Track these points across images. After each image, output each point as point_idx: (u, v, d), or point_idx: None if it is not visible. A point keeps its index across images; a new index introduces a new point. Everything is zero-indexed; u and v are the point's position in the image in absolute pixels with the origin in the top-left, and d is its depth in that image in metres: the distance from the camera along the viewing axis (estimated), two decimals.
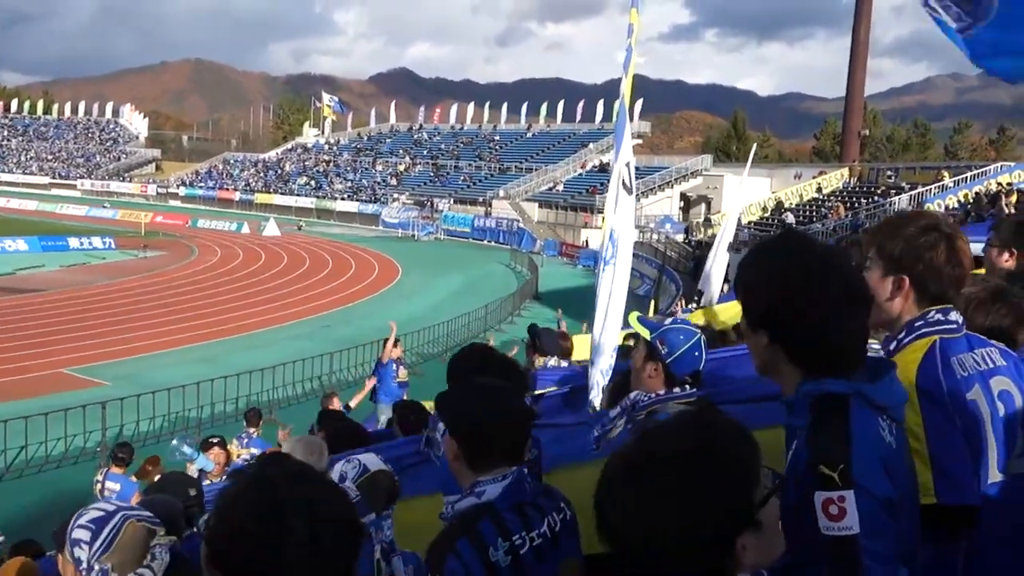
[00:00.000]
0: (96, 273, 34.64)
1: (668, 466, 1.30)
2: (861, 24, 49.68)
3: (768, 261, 1.73)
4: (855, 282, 1.71)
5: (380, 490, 2.55)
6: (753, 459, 1.36)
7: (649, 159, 63.60)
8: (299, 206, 68.92)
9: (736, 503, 1.30)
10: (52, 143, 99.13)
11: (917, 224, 2.15)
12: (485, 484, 2.14)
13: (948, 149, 76.67)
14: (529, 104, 77.59)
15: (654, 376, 2.81)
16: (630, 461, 1.35)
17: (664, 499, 1.28)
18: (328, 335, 22.52)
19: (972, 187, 30.23)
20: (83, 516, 2.15)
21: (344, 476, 2.56)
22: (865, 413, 1.60)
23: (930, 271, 2.09)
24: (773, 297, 1.67)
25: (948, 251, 2.09)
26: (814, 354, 1.65)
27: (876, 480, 1.52)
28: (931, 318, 2.08)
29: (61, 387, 16.76)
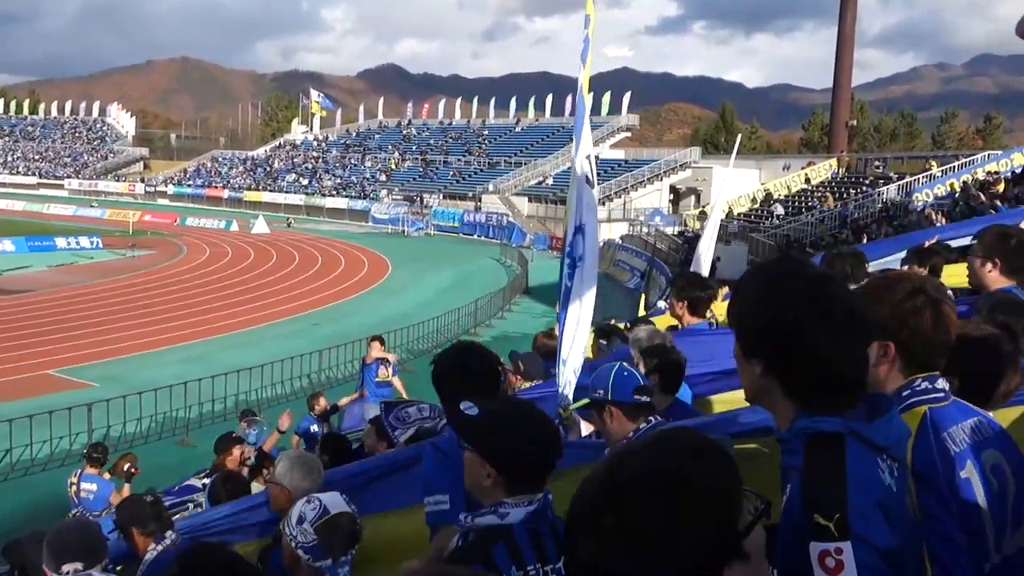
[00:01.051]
0: (84, 273, 34.45)
1: (645, 492, 1.19)
2: (847, 15, 49.71)
3: (767, 285, 1.63)
4: (858, 310, 1.62)
5: (340, 533, 2.49)
6: (735, 482, 1.24)
7: (638, 152, 63.68)
8: (288, 203, 68.71)
9: (719, 531, 1.19)
10: (39, 143, 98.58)
11: (903, 288, 2.08)
12: (510, 507, 2.15)
13: (935, 138, 76.94)
14: (517, 98, 77.48)
15: (617, 419, 2.83)
16: (603, 488, 1.23)
17: (643, 528, 1.17)
18: (317, 333, 22.43)
19: (960, 176, 30.30)
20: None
21: (303, 517, 2.50)
22: (862, 453, 1.50)
23: (916, 337, 2.02)
24: (772, 323, 1.57)
25: (934, 317, 2.03)
26: (812, 386, 1.56)
27: (876, 529, 1.42)
28: (918, 386, 2.01)
29: (47, 389, 16.62)
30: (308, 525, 2.46)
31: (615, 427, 2.80)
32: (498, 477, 2.17)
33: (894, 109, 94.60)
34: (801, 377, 1.56)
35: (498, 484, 2.17)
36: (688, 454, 1.24)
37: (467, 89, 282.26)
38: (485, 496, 2.21)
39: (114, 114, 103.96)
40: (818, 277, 1.62)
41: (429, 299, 28.41)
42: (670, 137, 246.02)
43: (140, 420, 14.03)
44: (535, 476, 2.20)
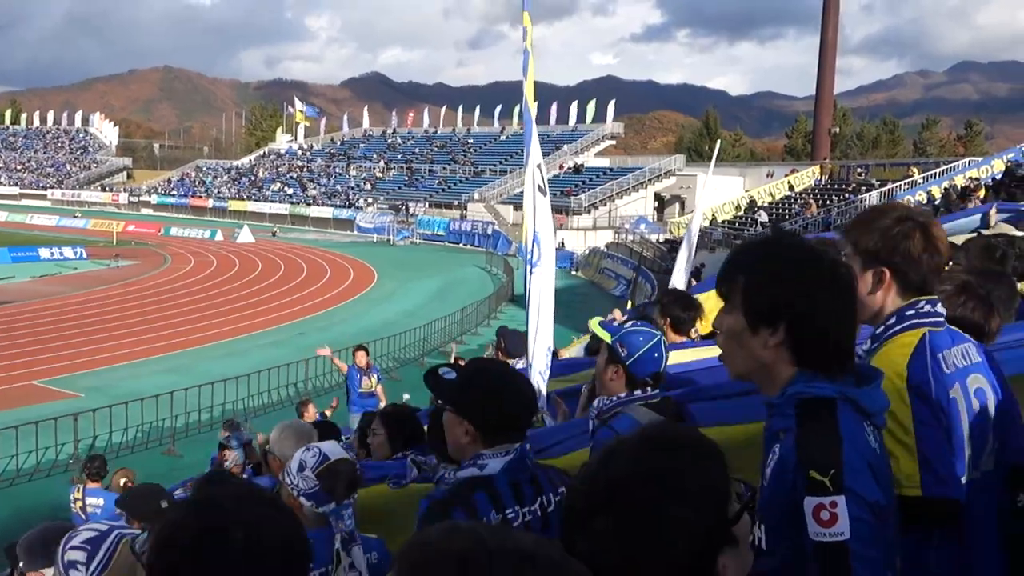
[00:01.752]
0: (67, 283, 34.24)
1: (636, 492, 1.22)
2: (829, 23, 50.21)
3: (779, 257, 1.69)
4: (853, 281, 1.72)
5: (341, 479, 2.55)
6: (722, 474, 1.28)
7: (623, 159, 63.93)
8: (273, 212, 68.53)
9: (711, 525, 1.23)
10: (21, 153, 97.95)
11: (890, 215, 2.16)
12: (487, 457, 2.25)
13: (917, 145, 77.56)
14: (502, 107, 77.65)
15: (615, 379, 2.80)
16: (595, 487, 1.26)
17: (635, 528, 1.20)
18: (303, 342, 22.37)
19: (941, 182, 30.61)
20: (75, 537, 2.11)
21: (304, 464, 2.56)
22: (853, 417, 1.58)
23: (908, 260, 2.10)
24: (788, 294, 1.63)
25: (924, 239, 2.11)
26: (819, 354, 1.63)
27: (867, 485, 1.50)
28: (922, 308, 2.09)
29: (32, 399, 16.53)
30: (309, 472, 2.52)
31: (611, 384, 2.81)
32: (476, 433, 2.26)
33: (876, 116, 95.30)
34: (812, 342, 1.63)
35: (476, 440, 2.27)
36: (676, 451, 1.27)
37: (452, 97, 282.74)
38: (465, 453, 2.30)
39: (97, 124, 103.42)
40: (818, 248, 1.71)
41: (415, 308, 28.41)
42: (655, 145, 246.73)
43: (126, 430, 13.98)
44: (511, 428, 2.29)
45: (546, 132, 69.26)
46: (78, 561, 2.04)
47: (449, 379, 2.39)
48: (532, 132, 4.85)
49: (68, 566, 2.04)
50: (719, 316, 1.76)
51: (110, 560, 2.04)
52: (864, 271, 2.12)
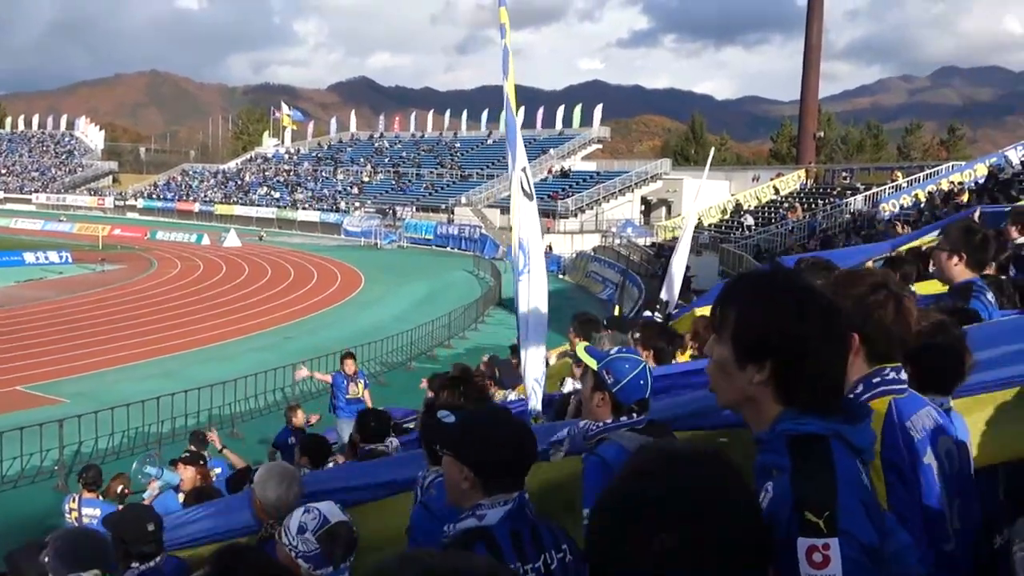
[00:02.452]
0: (53, 288, 34.06)
1: (694, 504, 1.22)
2: (813, 28, 50.51)
3: (773, 294, 1.65)
4: (840, 316, 1.68)
5: (339, 542, 2.56)
6: (744, 489, 1.29)
7: (609, 163, 64.06)
8: (260, 216, 68.32)
9: (760, 534, 1.23)
10: (6, 157, 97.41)
11: (866, 283, 2.21)
12: (486, 507, 2.24)
13: (901, 149, 77.99)
14: (489, 111, 77.68)
15: (602, 405, 2.83)
16: (643, 508, 1.23)
17: (701, 540, 1.19)
18: (290, 346, 22.35)
19: (925, 187, 30.81)
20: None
21: (304, 527, 2.57)
22: (846, 455, 1.56)
23: (879, 329, 2.13)
24: (777, 332, 1.60)
25: (896, 311, 2.15)
26: (808, 392, 1.60)
27: (862, 526, 1.47)
28: (888, 376, 2.12)
29: (17, 405, 16.43)
30: (310, 535, 2.52)
31: (597, 409, 2.83)
32: (475, 479, 2.25)
33: (861, 121, 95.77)
34: (799, 383, 1.60)
35: (475, 486, 2.25)
36: (709, 465, 1.29)
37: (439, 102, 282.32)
38: (464, 499, 2.29)
39: (82, 128, 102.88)
40: (814, 287, 1.70)
41: (402, 312, 28.40)
42: (641, 149, 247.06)
43: (112, 436, 13.93)
44: (510, 476, 2.28)
45: (533, 136, 69.37)
46: None
47: (448, 423, 2.41)
48: (516, 134, 4.85)
49: None
50: (710, 343, 1.74)
51: None
52: None
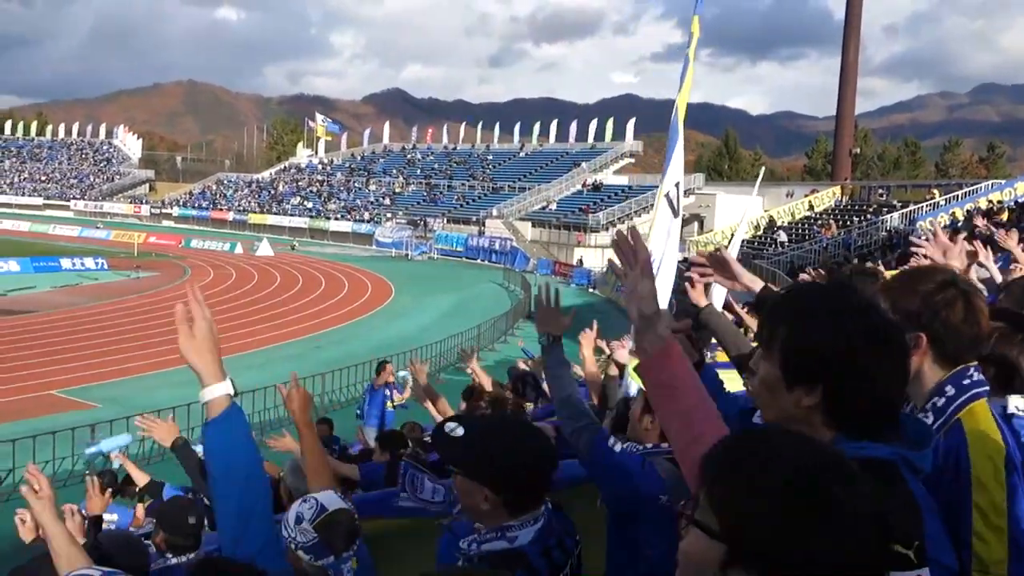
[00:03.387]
0: (88, 294, 34.54)
1: (832, 487, 1.13)
2: (850, 44, 50.12)
3: (827, 315, 1.54)
4: (896, 329, 1.58)
5: (339, 530, 2.44)
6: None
7: (642, 178, 63.83)
8: (293, 226, 68.94)
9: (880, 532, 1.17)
10: (46, 164, 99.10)
11: (934, 279, 2.08)
12: (517, 529, 2.05)
13: (939, 167, 77.11)
14: (522, 124, 77.89)
15: (650, 429, 2.76)
16: (780, 484, 1.13)
17: (840, 521, 1.12)
18: (320, 355, 22.43)
19: (963, 205, 30.38)
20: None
21: (301, 517, 2.45)
22: (915, 479, 1.48)
23: (948, 328, 2.01)
24: (831, 358, 1.49)
25: (966, 309, 2.02)
26: (863, 415, 1.50)
27: (946, 552, 1.42)
28: (976, 377, 2.01)
29: (51, 409, 16.64)
30: (307, 524, 2.42)
31: (645, 432, 2.76)
32: (496, 499, 2.05)
33: (898, 137, 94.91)
34: (852, 408, 1.50)
35: (498, 507, 2.05)
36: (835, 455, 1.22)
37: (472, 114, 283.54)
38: (485, 518, 2.09)
39: (120, 136, 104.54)
40: (874, 304, 1.60)
41: (432, 323, 28.43)
42: None
43: (142, 442, 13.99)
44: (534, 492, 2.10)
45: (564, 149, 69.41)
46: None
47: (456, 437, 2.13)
48: (676, 146, 4.76)
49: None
50: (756, 357, 1.63)
51: None
52: None
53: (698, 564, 1.18)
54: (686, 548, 1.21)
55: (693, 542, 1.20)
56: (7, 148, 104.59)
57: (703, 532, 1.17)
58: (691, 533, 1.20)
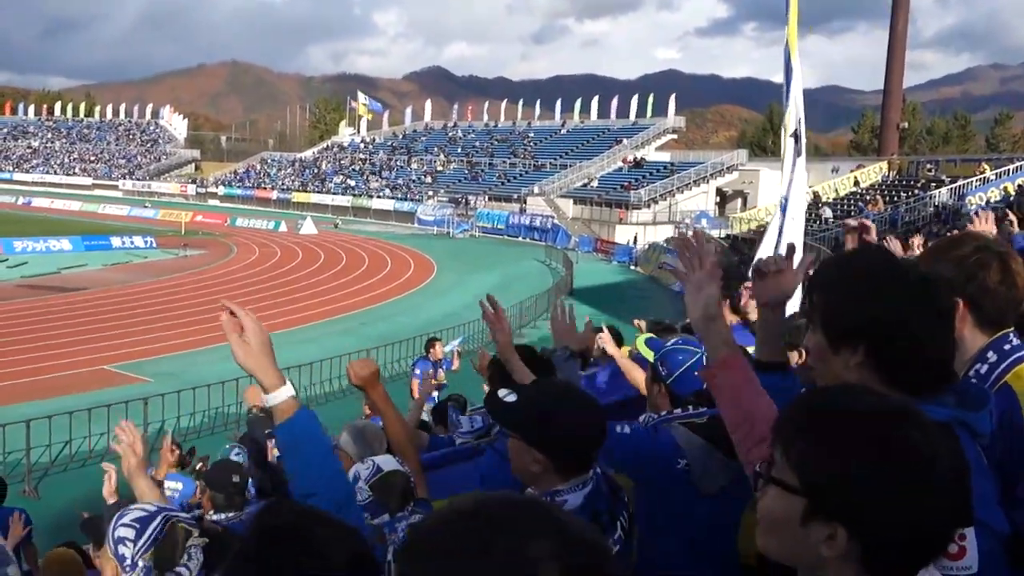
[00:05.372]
0: (138, 271, 35.22)
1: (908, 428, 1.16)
2: (899, 15, 49.00)
3: (856, 275, 1.62)
4: (942, 293, 1.62)
5: (394, 491, 2.57)
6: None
7: (684, 154, 63.27)
8: (335, 204, 69.45)
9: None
10: (95, 145, 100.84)
11: (968, 245, 2.11)
12: (566, 493, 2.09)
13: (989, 141, 75.28)
14: (563, 100, 77.45)
15: (660, 397, 2.80)
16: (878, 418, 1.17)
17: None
18: (365, 332, 22.69)
19: (1014, 180, 29.67)
20: (126, 515, 2.18)
21: (358, 476, 2.60)
22: (971, 442, 1.49)
23: (984, 291, 2.03)
24: (866, 313, 1.56)
25: (1002, 271, 2.04)
26: (915, 372, 1.54)
27: (996, 516, 1.43)
28: (1015, 342, 2.03)
29: (104, 383, 17.08)
30: (363, 483, 2.58)
31: (658, 401, 2.81)
32: (547, 462, 2.10)
33: (948, 111, 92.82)
34: (899, 364, 1.55)
35: (548, 470, 2.11)
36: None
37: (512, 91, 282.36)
38: (536, 481, 2.14)
39: (167, 117, 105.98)
40: (915, 270, 1.64)
41: (474, 300, 28.08)
42: (716, 139, 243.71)
43: (193, 415, 14.37)
44: (584, 455, 2.15)
45: (606, 126, 68.95)
46: (127, 538, 2.11)
47: (510, 402, 2.21)
48: (792, 86, 4.79)
49: (117, 541, 2.12)
50: (808, 335, 1.68)
51: (156, 539, 2.11)
52: None
53: (779, 521, 1.21)
54: (766, 505, 1.24)
55: (772, 499, 1.22)
56: (57, 129, 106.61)
57: (783, 489, 1.19)
58: (769, 491, 1.22)
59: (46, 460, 12.54)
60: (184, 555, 2.15)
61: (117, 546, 2.12)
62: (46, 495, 11.61)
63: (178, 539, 2.15)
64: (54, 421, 12.65)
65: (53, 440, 12.63)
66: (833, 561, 1.16)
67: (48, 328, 22.52)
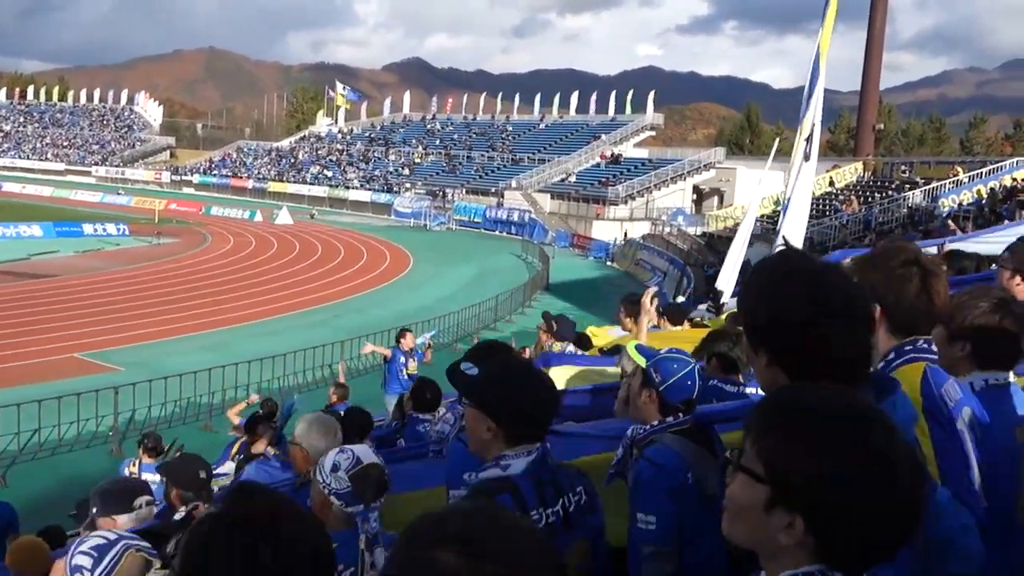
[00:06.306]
0: (110, 259, 34.88)
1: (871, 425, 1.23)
2: (876, 16, 49.39)
3: (767, 278, 1.73)
4: (856, 298, 1.69)
5: (370, 482, 2.63)
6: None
7: (662, 151, 63.50)
8: (312, 195, 69.14)
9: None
10: (68, 130, 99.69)
11: (899, 257, 2.24)
12: (510, 458, 2.29)
13: (963, 144, 76.20)
14: (542, 95, 77.47)
15: (648, 403, 2.83)
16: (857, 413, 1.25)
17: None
18: (338, 324, 22.62)
19: (987, 182, 30.04)
20: (85, 543, 2.14)
21: (338, 466, 2.65)
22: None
23: (900, 302, 2.18)
24: (772, 314, 1.66)
25: (921, 285, 2.18)
26: (814, 370, 1.61)
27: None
28: (920, 345, 2.19)
29: (74, 372, 16.91)
30: (343, 473, 2.61)
31: (644, 407, 2.82)
32: (497, 430, 2.30)
33: (925, 113, 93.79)
34: (803, 365, 1.63)
35: (498, 437, 2.31)
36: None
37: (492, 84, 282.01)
38: (487, 450, 2.34)
39: (142, 103, 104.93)
40: (816, 271, 1.71)
41: (450, 293, 28.55)
42: (695, 137, 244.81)
43: (164, 404, 14.26)
44: (533, 428, 2.33)
45: (585, 121, 69.06)
46: (83, 566, 2.07)
47: (471, 375, 2.45)
48: (816, 89, 4.85)
49: (74, 570, 2.08)
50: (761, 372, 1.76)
51: (113, 569, 2.08)
52: None
53: (744, 507, 1.28)
54: (733, 491, 1.30)
55: (739, 486, 1.28)
56: (30, 113, 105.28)
57: (748, 476, 1.26)
58: (737, 478, 1.29)
59: (14, 448, 12.39)
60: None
61: (73, 574, 2.09)
62: (14, 483, 11.49)
63: (135, 571, 2.12)
64: (23, 409, 12.50)
65: (22, 428, 12.49)
66: (790, 548, 1.23)
67: (17, 315, 22.24)
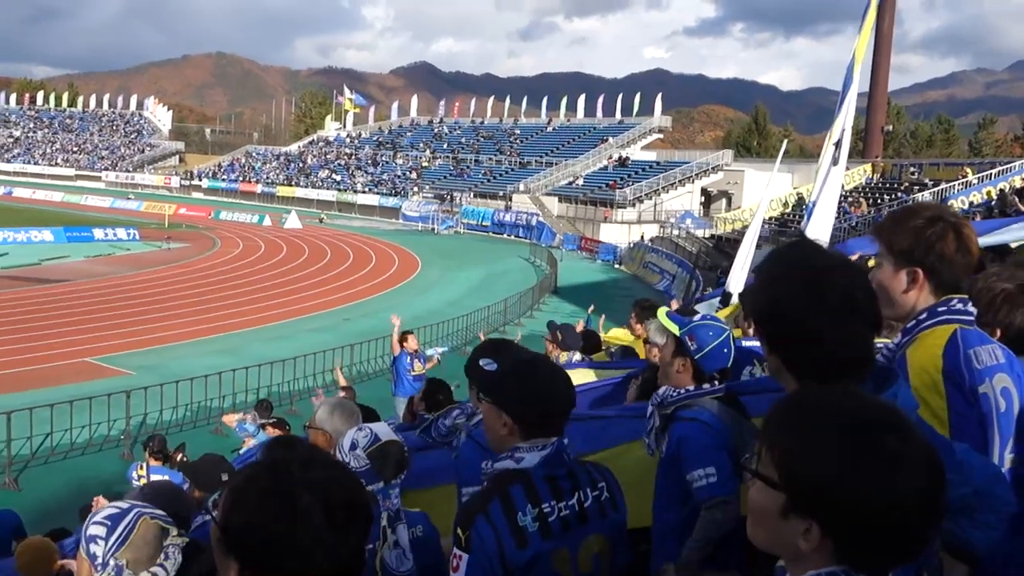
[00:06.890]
0: (120, 264, 35.01)
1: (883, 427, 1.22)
2: (885, 18, 49.25)
3: (770, 270, 1.77)
4: (858, 294, 1.72)
5: (390, 459, 2.63)
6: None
7: (669, 153, 63.44)
8: (320, 199, 69.28)
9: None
10: (77, 135, 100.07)
11: (923, 216, 2.20)
12: (524, 451, 2.29)
13: (972, 145, 75.90)
14: (550, 98, 77.47)
15: (682, 371, 2.83)
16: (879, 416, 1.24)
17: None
18: (348, 328, 22.68)
19: (996, 184, 29.94)
20: (98, 513, 2.16)
21: (356, 444, 2.66)
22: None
23: (942, 261, 2.14)
24: (771, 305, 1.72)
25: (957, 240, 2.15)
26: (808, 363, 1.68)
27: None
28: (954, 306, 2.15)
29: (86, 376, 16.99)
30: (361, 451, 2.62)
31: (678, 376, 2.83)
32: (513, 426, 2.31)
33: (932, 115, 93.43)
34: (799, 357, 1.69)
35: (514, 433, 2.31)
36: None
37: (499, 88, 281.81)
38: (503, 445, 2.35)
39: (151, 108, 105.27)
40: (818, 266, 1.74)
41: (458, 297, 28.58)
42: (702, 139, 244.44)
43: (176, 408, 14.32)
44: (548, 423, 2.32)
45: (593, 124, 69.05)
46: (98, 535, 2.08)
47: (489, 371, 2.47)
48: (848, 95, 4.86)
49: (89, 539, 2.09)
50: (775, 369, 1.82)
51: (128, 536, 2.09)
52: (897, 271, 2.18)
53: (763, 513, 1.28)
54: (752, 497, 1.31)
55: (757, 492, 1.29)
56: (39, 119, 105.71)
57: (764, 483, 1.27)
58: (755, 485, 1.30)
59: (27, 452, 12.47)
60: (161, 554, 2.13)
61: (89, 544, 2.09)
62: (27, 487, 11.56)
63: (151, 537, 2.13)
64: (35, 413, 12.57)
65: (34, 432, 12.56)
66: (810, 553, 1.24)
67: (29, 320, 22.37)
